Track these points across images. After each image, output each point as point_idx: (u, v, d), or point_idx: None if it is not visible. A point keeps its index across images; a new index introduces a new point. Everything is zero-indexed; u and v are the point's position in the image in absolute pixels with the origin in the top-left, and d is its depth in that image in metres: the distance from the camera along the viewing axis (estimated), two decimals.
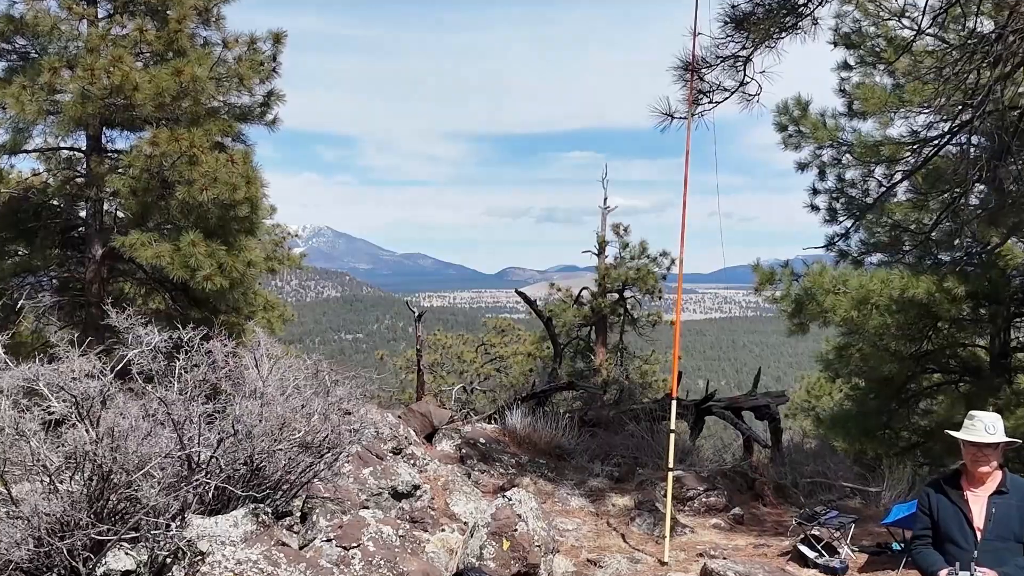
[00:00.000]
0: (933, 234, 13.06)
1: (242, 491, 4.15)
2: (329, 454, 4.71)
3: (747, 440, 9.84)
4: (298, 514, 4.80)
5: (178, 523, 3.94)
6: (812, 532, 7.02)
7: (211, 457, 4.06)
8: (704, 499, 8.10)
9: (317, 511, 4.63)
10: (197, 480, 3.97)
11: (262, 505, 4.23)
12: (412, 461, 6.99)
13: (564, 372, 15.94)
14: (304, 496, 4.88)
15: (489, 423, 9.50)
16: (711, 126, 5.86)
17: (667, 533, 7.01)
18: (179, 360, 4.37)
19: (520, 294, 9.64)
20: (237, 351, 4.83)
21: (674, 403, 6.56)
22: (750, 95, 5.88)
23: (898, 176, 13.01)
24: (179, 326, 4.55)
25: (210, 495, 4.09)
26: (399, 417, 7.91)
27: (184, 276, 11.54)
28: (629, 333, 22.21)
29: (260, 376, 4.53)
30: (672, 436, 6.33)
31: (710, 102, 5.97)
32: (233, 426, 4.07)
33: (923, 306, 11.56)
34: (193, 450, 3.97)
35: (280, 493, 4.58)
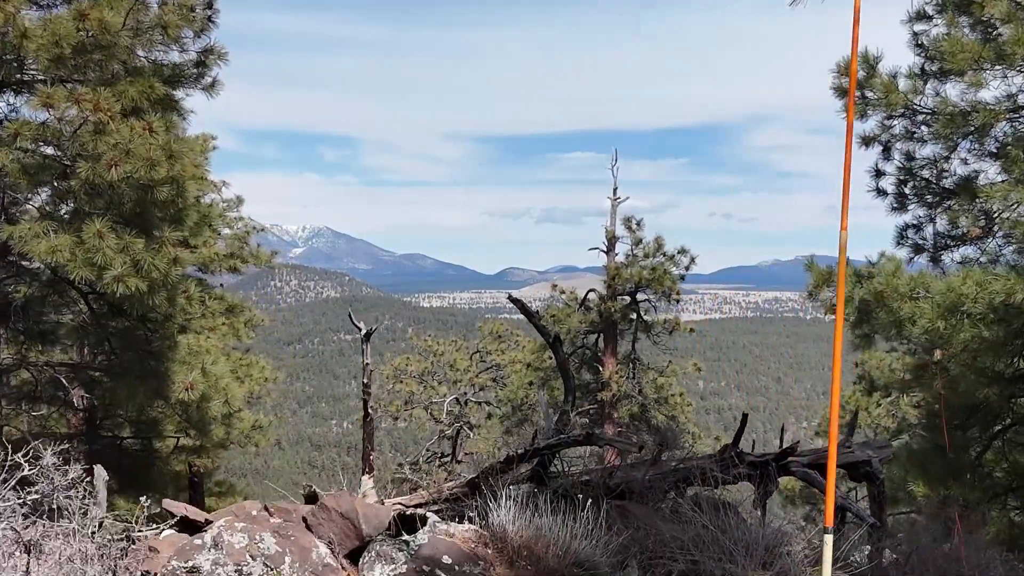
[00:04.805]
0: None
1: None
2: None
3: (844, 515, 7.09)
4: None
5: None
6: None
7: None
8: None
9: None
10: None
11: None
12: None
13: (577, 406, 13.04)
14: None
15: (461, 521, 5.61)
16: None
17: None
18: None
19: (517, 303, 6.92)
20: None
21: (831, 503, 3.26)
22: None
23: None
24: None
25: None
26: (306, 527, 4.60)
27: (89, 276, 9.16)
28: (642, 341, 19.69)
29: None
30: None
31: None
32: None
33: None
34: None
35: None
